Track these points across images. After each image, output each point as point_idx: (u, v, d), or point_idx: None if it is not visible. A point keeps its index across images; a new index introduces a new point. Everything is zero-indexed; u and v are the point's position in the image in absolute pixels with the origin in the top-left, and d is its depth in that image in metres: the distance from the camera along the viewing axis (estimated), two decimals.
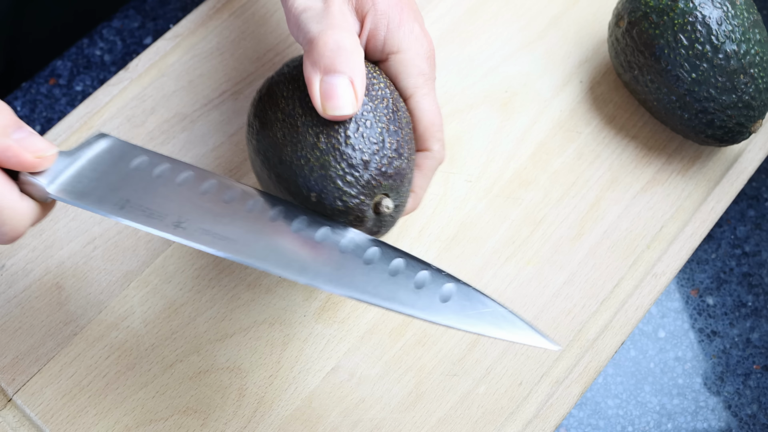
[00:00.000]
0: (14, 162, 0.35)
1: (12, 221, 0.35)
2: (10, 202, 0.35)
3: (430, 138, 0.41)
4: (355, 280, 0.35)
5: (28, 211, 0.35)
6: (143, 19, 0.60)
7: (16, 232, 0.35)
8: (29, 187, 0.36)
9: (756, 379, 0.49)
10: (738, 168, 0.51)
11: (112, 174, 0.37)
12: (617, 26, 0.50)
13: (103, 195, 0.37)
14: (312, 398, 0.45)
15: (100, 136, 0.39)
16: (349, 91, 0.36)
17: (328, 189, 0.37)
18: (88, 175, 0.37)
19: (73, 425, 0.44)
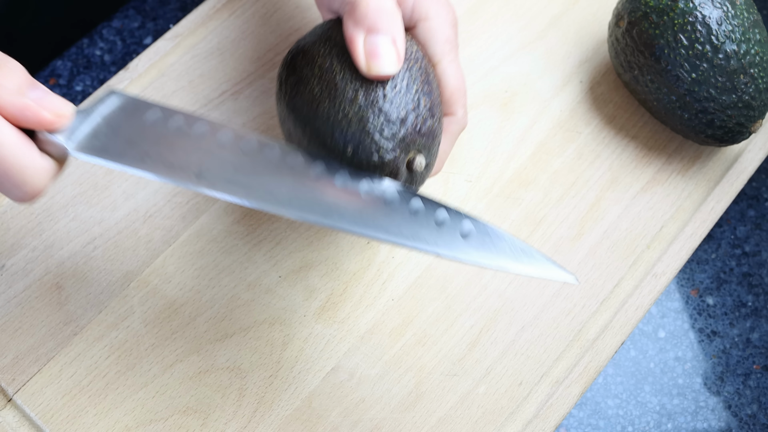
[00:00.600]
0: (33, 121, 0.35)
1: (33, 180, 0.35)
2: (31, 161, 0.35)
3: (455, 103, 0.42)
4: (378, 221, 0.36)
5: (48, 169, 0.36)
6: (143, 19, 0.60)
7: (36, 191, 0.35)
8: (47, 146, 0.36)
9: (756, 379, 0.49)
10: (738, 168, 0.51)
11: (128, 129, 0.37)
12: (617, 26, 0.50)
13: (122, 150, 0.37)
14: (312, 398, 0.45)
15: (111, 93, 0.39)
16: (392, 50, 0.37)
17: (366, 143, 0.37)
18: (105, 131, 0.37)
19: (73, 425, 0.44)
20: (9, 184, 0.35)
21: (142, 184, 0.50)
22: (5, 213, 0.49)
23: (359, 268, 0.48)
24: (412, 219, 0.36)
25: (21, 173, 0.34)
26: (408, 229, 0.35)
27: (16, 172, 0.34)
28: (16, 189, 0.35)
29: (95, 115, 0.37)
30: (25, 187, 0.35)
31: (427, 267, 0.48)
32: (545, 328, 0.46)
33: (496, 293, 0.47)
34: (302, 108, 0.39)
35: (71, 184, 0.50)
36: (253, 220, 0.49)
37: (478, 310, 0.47)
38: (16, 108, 0.34)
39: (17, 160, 0.34)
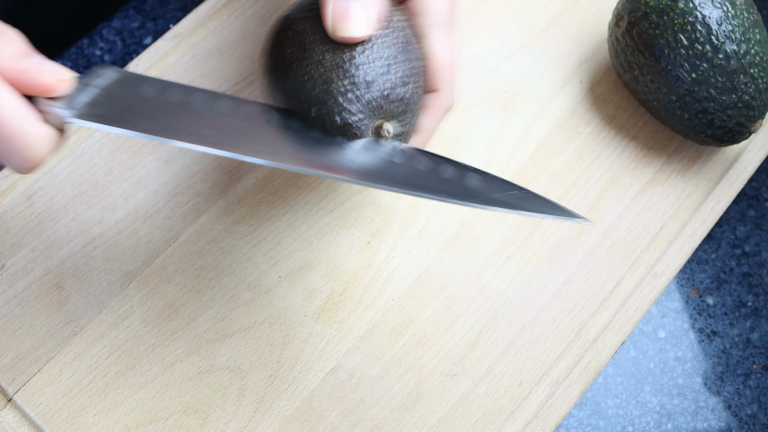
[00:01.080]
0: (34, 84, 0.34)
1: (35, 146, 0.34)
2: (31, 127, 0.34)
3: (441, 79, 0.42)
4: (384, 174, 0.36)
5: (48, 136, 0.35)
6: (143, 19, 0.60)
7: (38, 159, 0.35)
8: (46, 114, 0.36)
9: (756, 379, 0.49)
10: (738, 168, 0.51)
11: (127, 99, 0.37)
12: (617, 26, 0.50)
13: (122, 116, 0.36)
14: (312, 398, 0.45)
15: (105, 67, 0.39)
16: (361, 15, 0.37)
17: (329, 104, 0.37)
18: (103, 100, 0.37)
19: (73, 425, 0.44)
20: (10, 150, 0.34)
21: (142, 184, 0.50)
22: (5, 213, 0.49)
23: (359, 268, 0.48)
24: (420, 173, 0.36)
25: (22, 139, 0.34)
26: (421, 182, 0.35)
27: (17, 138, 0.34)
28: (17, 156, 0.34)
29: (93, 87, 0.37)
30: (26, 154, 0.34)
31: (427, 267, 0.48)
32: (545, 328, 0.46)
33: (496, 293, 0.47)
34: (275, 71, 0.39)
35: (71, 184, 0.50)
36: (253, 220, 0.49)
37: (478, 310, 0.47)
38: (17, 72, 0.34)
39: (19, 125, 0.34)
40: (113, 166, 0.51)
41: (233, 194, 0.50)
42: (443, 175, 0.36)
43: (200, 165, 0.51)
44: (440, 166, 0.36)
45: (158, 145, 0.51)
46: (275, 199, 0.50)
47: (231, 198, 0.50)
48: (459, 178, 0.36)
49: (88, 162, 0.51)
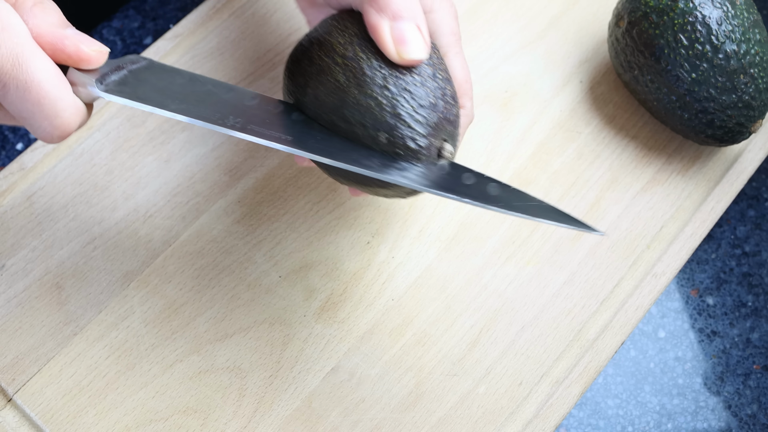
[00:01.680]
0: (70, 53, 0.35)
1: (65, 115, 0.35)
2: (63, 95, 0.34)
3: (463, 95, 0.42)
4: (413, 174, 0.36)
5: (78, 108, 0.35)
6: (143, 19, 0.60)
7: (66, 128, 0.35)
8: (77, 87, 0.36)
9: (756, 379, 0.49)
10: (738, 168, 0.51)
11: (157, 83, 0.38)
12: (617, 26, 0.50)
13: (150, 96, 0.37)
14: (312, 398, 0.45)
15: (136, 56, 0.39)
16: (419, 36, 0.37)
17: (400, 129, 0.37)
18: (133, 82, 0.37)
19: (73, 425, 0.44)
20: (40, 116, 0.34)
21: (142, 184, 0.50)
22: (5, 213, 0.49)
23: (359, 268, 0.48)
24: (444, 176, 0.36)
25: (53, 105, 0.34)
26: (444, 182, 0.36)
27: (48, 104, 0.34)
28: (45, 122, 0.34)
29: (124, 68, 0.38)
30: (55, 121, 0.34)
31: (427, 267, 0.48)
32: (545, 328, 0.46)
33: (496, 293, 0.47)
34: (326, 97, 0.39)
35: (71, 184, 0.50)
36: (253, 220, 0.49)
37: (478, 310, 0.47)
38: (55, 39, 0.34)
39: (52, 91, 0.34)
40: (113, 166, 0.51)
41: (233, 194, 0.50)
42: (466, 181, 0.36)
43: (200, 165, 0.51)
44: (464, 174, 0.37)
45: (158, 145, 0.51)
46: (275, 199, 0.50)
47: (231, 198, 0.50)
48: (481, 186, 0.36)
49: (88, 162, 0.51)
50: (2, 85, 0.33)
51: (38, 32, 0.34)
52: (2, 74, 0.33)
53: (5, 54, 0.33)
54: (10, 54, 0.33)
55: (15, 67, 0.33)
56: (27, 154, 0.51)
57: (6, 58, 0.33)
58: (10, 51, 0.33)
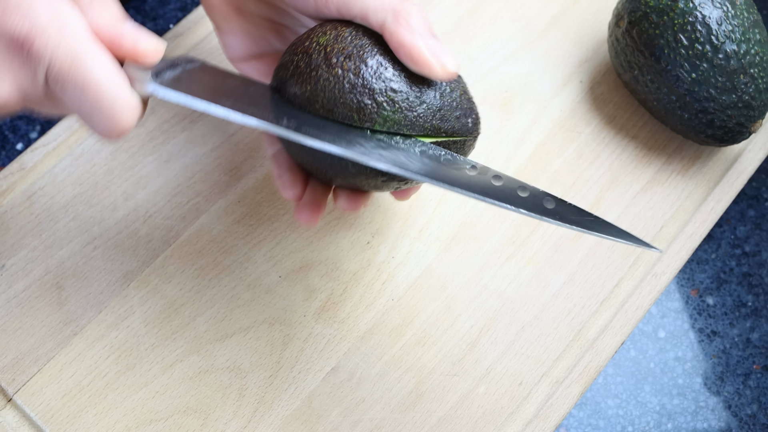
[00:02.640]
0: (128, 48, 0.34)
1: (123, 113, 0.34)
2: (122, 92, 0.34)
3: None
4: (463, 181, 0.36)
5: (135, 105, 0.35)
6: (143, 19, 0.60)
7: (123, 126, 0.35)
8: (134, 82, 0.35)
9: (756, 379, 0.49)
10: (738, 168, 0.51)
11: (211, 82, 0.38)
12: (617, 26, 0.50)
13: (206, 94, 0.36)
14: (312, 398, 0.45)
15: (190, 56, 0.39)
16: (447, 51, 0.38)
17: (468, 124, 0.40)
18: (187, 80, 0.37)
19: (73, 425, 0.44)
20: (99, 114, 0.34)
21: (142, 184, 0.50)
22: (5, 213, 0.49)
23: (359, 268, 0.48)
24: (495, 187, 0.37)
25: (113, 103, 0.34)
26: (493, 193, 0.36)
27: (107, 102, 0.34)
28: (104, 120, 0.34)
29: (178, 68, 0.37)
30: (114, 120, 0.34)
31: (427, 267, 0.48)
32: (545, 328, 0.46)
33: (496, 293, 0.47)
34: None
35: (71, 184, 0.50)
36: (253, 220, 0.49)
37: (478, 310, 0.47)
38: (114, 35, 0.34)
39: (110, 89, 0.34)
40: (113, 166, 0.51)
41: (233, 194, 0.50)
42: (521, 193, 0.37)
43: (200, 165, 0.51)
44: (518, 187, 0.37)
45: (158, 145, 0.51)
46: (275, 199, 0.50)
47: (231, 198, 0.50)
48: (537, 200, 0.37)
49: (88, 162, 0.51)
50: (61, 84, 0.33)
51: (97, 27, 0.34)
52: (61, 73, 0.33)
53: (64, 53, 0.33)
54: (69, 53, 0.33)
55: (73, 66, 0.33)
56: (27, 154, 0.51)
57: (65, 57, 0.33)
58: (69, 50, 0.33)
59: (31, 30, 0.32)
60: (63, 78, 0.33)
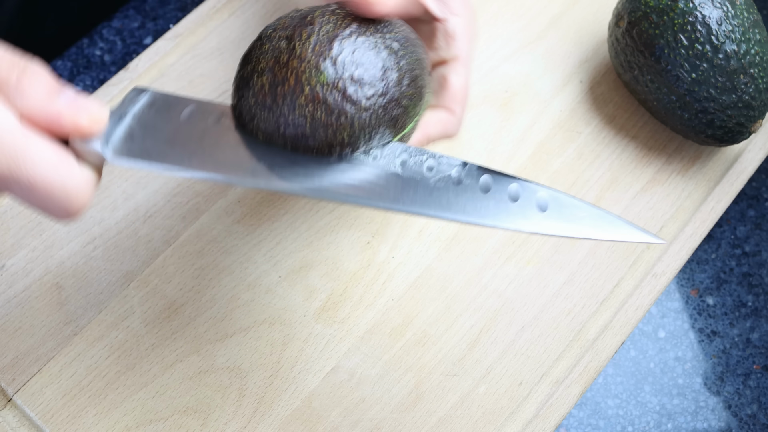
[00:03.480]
0: (69, 128, 0.32)
1: (77, 195, 0.32)
2: (73, 175, 0.32)
3: (455, 102, 0.42)
4: (448, 202, 0.35)
5: (89, 180, 0.33)
6: (143, 19, 0.60)
7: (82, 206, 0.33)
8: (83, 155, 0.33)
9: (756, 379, 0.49)
10: (738, 168, 0.51)
11: (164, 128, 0.35)
12: (617, 26, 0.50)
13: (163, 150, 0.35)
14: (312, 398, 0.45)
15: (138, 91, 0.37)
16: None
17: None
18: (139, 132, 0.35)
19: (73, 425, 0.44)
20: (52, 204, 0.32)
21: (142, 183, 0.50)
22: (5, 213, 0.49)
23: (359, 268, 0.48)
24: (484, 197, 0.35)
25: (64, 190, 0.32)
26: (482, 208, 0.34)
27: (59, 191, 0.32)
28: (59, 209, 0.32)
29: (127, 116, 0.35)
30: (69, 205, 0.32)
31: (427, 267, 0.48)
32: (545, 328, 0.46)
33: (496, 293, 0.47)
34: None
35: None
36: (253, 220, 0.49)
37: (478, 310, 0.47)
38: (50, 116, 0.32)
39: (59, 177, 0.31)
40: (113, 166, 0.51)
41: (233, 194, 0.50)
42: (514, 197, 0.35)
43: None
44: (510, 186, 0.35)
45: None
46: (275, 199, 0.50)
47: (231, 198, 0.50)
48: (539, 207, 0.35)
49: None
50: (5, 188, 0.31)
51: (29, 113, 0.31)
52: (2, 180, 0.31)
53: (1, 158, 0.30)
54: (5, 157, 0.30)
55: (13, 169, 0.30)
56: None
57: (2, 163, 0.30)
58: (4, 154, 0.30)
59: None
60: (5, 184, 0.31)
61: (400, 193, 0.35)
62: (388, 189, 0.35)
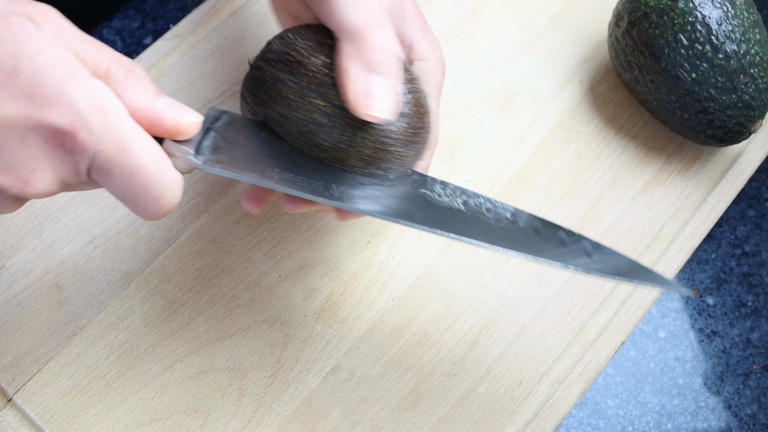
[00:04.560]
0: (171, 126, 0.34)
1: (170, 193, 0.33)
2: (168, 173, 0.33)
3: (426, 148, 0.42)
4: (500, 238, 0.36)
5: (180, 182, 0.34)
6: (143, 19, 0.60)
7: (172, 205, 0.34)
8: (174, 158, 0.35)
9: (756, 379, 0.49)
10: (738, 168, 0.51)
11: (246, 143, 0.37)
12: (617, 26, 0.50)
13: (246, 163, 0.36)
14: (312, 398, 0.45)
15: (216, 111, 0.38)
16: (392, 97, 0.36)
17: None
18: (224, 146, 0.36)
19: (73, 425, 0.44)
20: (147, 196, 0.33)
21: None
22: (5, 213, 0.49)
23: (359, 268, 0.48)
24: (537, 237, 0.37)
25: (161, 184, 0.33)
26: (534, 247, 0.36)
27: (157, 183, 0.33)
28: (152, 203, 0.33)
29: (211, 132, 0.37)
30: (161, 201, 0.33)
31: (427, 267, 0.48)
32: (545, 328, 0.46)
33: (496, 293, 0.47)
34: None
35: None
36: (253, 220, 0.49)
37: (478, 310, 0.47)
38: (154, 114, 0.33)
39: (159, 171, 0.33)
40: None
41: (233, 194, 0.50)
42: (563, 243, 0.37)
43: None
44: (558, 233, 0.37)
45: None
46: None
47: (231, 198, 0.50)
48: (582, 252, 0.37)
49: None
50: (107, 173, 0.32)
51: (134, 107, 0.33)
52: (107, 162, 0.32)
53: (109, 144, 0.31)
54: (114, 143, 0.32)
55: (119, 153, 0.32)
56: None
57: (111, 146, 0.32)
58: (114, 139, 0.32)
59: (74, 123, 0.31)
60: (109, 167, 0.32)
61: (466, 226, 0.36)
62: (455, 221, 0.37)
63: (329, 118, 0.36)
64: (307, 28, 0.39)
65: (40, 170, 0.32)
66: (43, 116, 0.31)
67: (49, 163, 0.32)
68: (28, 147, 0.31)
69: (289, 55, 0.38)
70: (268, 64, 0.38)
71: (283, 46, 0.38)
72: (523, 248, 0.36)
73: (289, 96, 0.37)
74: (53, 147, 0.31)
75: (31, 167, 0.32)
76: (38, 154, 0.31)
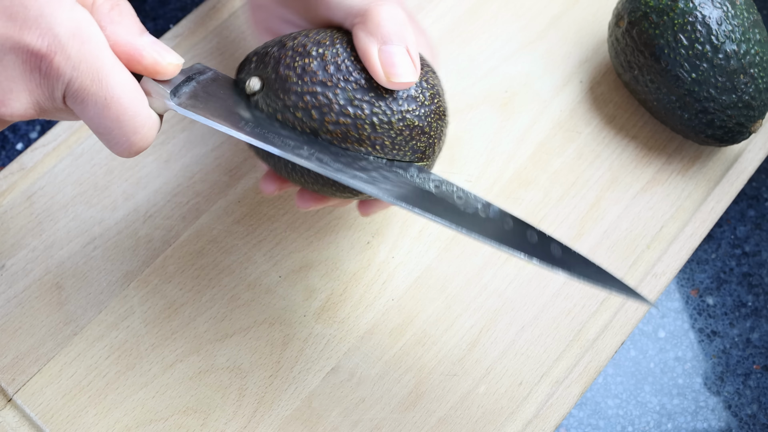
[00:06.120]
0: (149, 64, 0.34)
1: (143, 129, 0.34)
2: (145, 109, 0.34)
3: None
4: (465, 222, 0.36)
5: (155, 121, 0.34)
6: (143, 19, 0.60)
7: (143, 144, 0.34)
8: (150, 97, 0.35)
9: (756, 379, 0.49)
10: (738, 168, 0.51)
11: (226, 98, 0.37)
12: (617, 26, 0.50)
13: (221, 113, 0.36)
14: (312, 398, 0.45)
15: (202, 66, 0.38)
16: (407, 59, 0.37)
17: None
18: (203, 95, 0.36)
19: (73, 425, 0.44)
20: (119, 130, 0.33)
21: (142, 184, 0.50)
22: (5, 213, 0.49)
23: (359, 268, 0.48)
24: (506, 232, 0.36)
25: (134, 119, 0.33)
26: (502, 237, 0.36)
27: (130, 117, 0.33)
28: (123, 138, 0.33)
29: (193, 81, 0.37)
30: (134, 137, 0.34)
31: (427, 267, 0.48)
32: (545, 328, 0.46)
33: (496, 293, 0.47)
34: None
35: (71, 184, 0.50)
36: (253, 220, 0.49)
37: (478, 310, 0.47)
38: (134, 49, 0.33)
39: (133, 105, 0.33)
40: (113, 166, 0.51)
41: (233, 194, 0.50)
42: (530, 239, 0.36)
43: (200, 165, 0.51)
44: (527, 231, 0.36)
45: (158, 145, 0.51)
46: (275, 199, 0.50)
47: (231, 198, 0.50)
48: (545, 246, 0.36)
49: (88, 162, 0.51)
50: (81, 100, 0.32)
51: (115, 40, 0.33)
52: (81, 90, 0.32)
53: (85, 71, 0.32)
54: (91, 69, 0.32)
55: (95, 82, 0.32)
56: (27, 154, 0.51)
57: (86, 74, 0.32)
58: (91, 66, 0.32)
59: (51, 46, 0.31)
60: (83, 95, 0.32)
61: (432, 205, 0.36)
62: (422, 200, 0.37)
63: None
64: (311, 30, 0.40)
65: (16, 91, 0.32)
66: (21, 37, 0.31)
67: (25, 85, 0.32)
68: (5, 67, 0.31)
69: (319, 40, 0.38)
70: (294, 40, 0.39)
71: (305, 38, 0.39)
72: (487, 235, 0.35)
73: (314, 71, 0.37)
74: (30, 69, 0.32)
75: (8, 87, 0.32)
76: (15, 74, 0.32)
